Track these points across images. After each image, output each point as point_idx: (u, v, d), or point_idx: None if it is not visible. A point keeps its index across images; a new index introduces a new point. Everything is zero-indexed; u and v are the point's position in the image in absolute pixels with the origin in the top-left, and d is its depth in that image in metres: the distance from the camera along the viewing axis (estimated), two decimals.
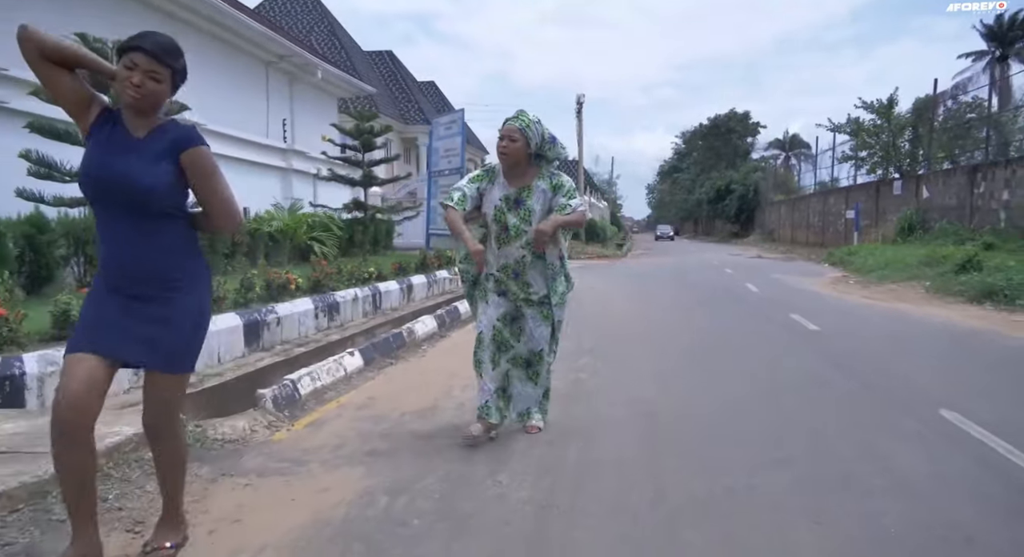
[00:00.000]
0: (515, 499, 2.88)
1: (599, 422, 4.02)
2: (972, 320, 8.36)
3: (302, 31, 24.15)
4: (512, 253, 3.52)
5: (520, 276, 3.55)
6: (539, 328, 3.61)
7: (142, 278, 2.13)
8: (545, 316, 3.61)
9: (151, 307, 2.14)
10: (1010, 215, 16.09)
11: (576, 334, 6.93)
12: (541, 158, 3.53)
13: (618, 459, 3.39)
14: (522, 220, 3.48)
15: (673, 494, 2.96)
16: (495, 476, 3.13)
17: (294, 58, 12.83)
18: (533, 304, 3.60)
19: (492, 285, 3.61)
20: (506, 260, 3.54)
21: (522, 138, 3.39)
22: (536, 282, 3.57)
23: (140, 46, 2.08)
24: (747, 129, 64.00)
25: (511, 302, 3.62)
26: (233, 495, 2.90)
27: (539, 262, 3.55)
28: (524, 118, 3.43)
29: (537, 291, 3.58)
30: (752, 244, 37.75)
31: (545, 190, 3.50)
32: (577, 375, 5.29)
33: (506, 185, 3.50)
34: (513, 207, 3.48)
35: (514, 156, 3.41)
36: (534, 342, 3.62)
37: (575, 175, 36.17)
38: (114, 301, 2.13)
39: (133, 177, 2.08)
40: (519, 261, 3.52)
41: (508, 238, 3.50)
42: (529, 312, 3.60)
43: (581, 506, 2.82)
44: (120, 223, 2.11)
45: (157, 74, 2.08)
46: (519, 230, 3.48)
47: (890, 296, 11.22)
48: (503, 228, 3.51)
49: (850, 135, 24.45)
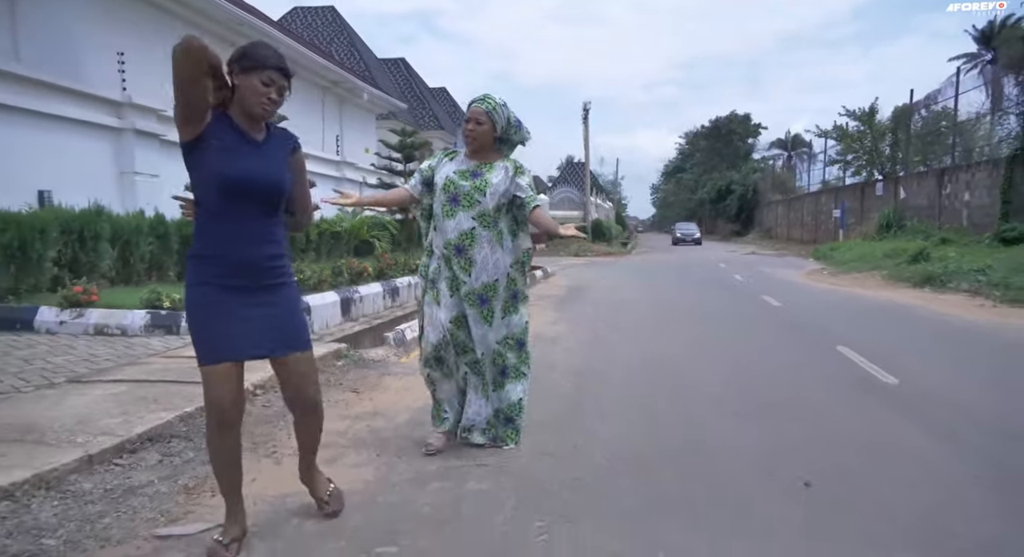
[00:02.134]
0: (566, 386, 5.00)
1: (611, 359, 6.15)
2: (905, 298, 10.45)
3: (323, 43, 25.87)
4: (459, 225, 3.23)
5: (463, 252, 3.24)
6: (480, 330, 3.29)
7: (264, 270, 2.28)
8: (485, 317, 3.28)
9: (266, 296, 2.29)
10: (970, 214, 18.15)
11: (593, 308, 9.07)
12: (505, 142, 3.38)
13: (625, 370, 5.51)
14: (476, 189, 3.24)
15: (661, 392, 5.08)
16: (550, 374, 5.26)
17: (346, 84, 15.01)
18: (473, 301, 3.27)
19: (444, 284, 3.32)
20: (449, 235, 3.25)
21: (489, 121, 3.24)
22: (479, 262, 3.25)
23: (279, 66, 2.25)
24: (748, 130, 65.99)
25: (437, 304, 3.34)
26: (392, 382, 5.02)
27: (487, 238, 3.25)
28: (490, 101, 3.28)
29: (478, 276, 3.25)
30: (751, 242, 39.72)
31: (507, 169, 3.31)
32: (596, 332, 7.42)
33: (466, 161, 3.34)
34: (469, 178, 3.27)
35: (481, 139, 3.26)
36: (482, 346, 3.32)
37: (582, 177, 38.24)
38: (230, 302, 2.24)
39: (272, 177, 2.27)
40: (465, 234, 3.23)
41: (456, 209, 3.24)
42: (471, 313, 3.29)
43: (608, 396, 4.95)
44: (250, 220, 2.25)
45: (286, 90, 2.28)
46: (472, 199, 3.23)
47: (852, 283, 13.30)
48: (452, 198, 3.26)
49: (836, 140, 26.47)
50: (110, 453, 3.17)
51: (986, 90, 18.48)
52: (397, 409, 4.31)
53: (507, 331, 3.38)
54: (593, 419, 4.10)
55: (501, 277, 3.29)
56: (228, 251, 2.23)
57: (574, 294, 11.59)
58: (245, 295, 2.25)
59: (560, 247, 25.58)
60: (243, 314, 2.24)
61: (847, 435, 3.77)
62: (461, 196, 3.25)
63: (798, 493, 2.94)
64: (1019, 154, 15.96)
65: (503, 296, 3.32)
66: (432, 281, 3.36)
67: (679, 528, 2.61)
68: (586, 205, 35.23)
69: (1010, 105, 17.42)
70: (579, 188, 37.80)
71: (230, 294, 2.24)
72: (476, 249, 3.24)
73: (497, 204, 3.27)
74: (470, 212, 3.23)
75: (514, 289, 3.37)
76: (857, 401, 4.53)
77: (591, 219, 34.18)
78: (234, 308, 2.24)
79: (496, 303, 3.30)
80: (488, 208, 3.24)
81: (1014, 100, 17.14)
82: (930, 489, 2.98)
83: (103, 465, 3.09)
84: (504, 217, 3.32)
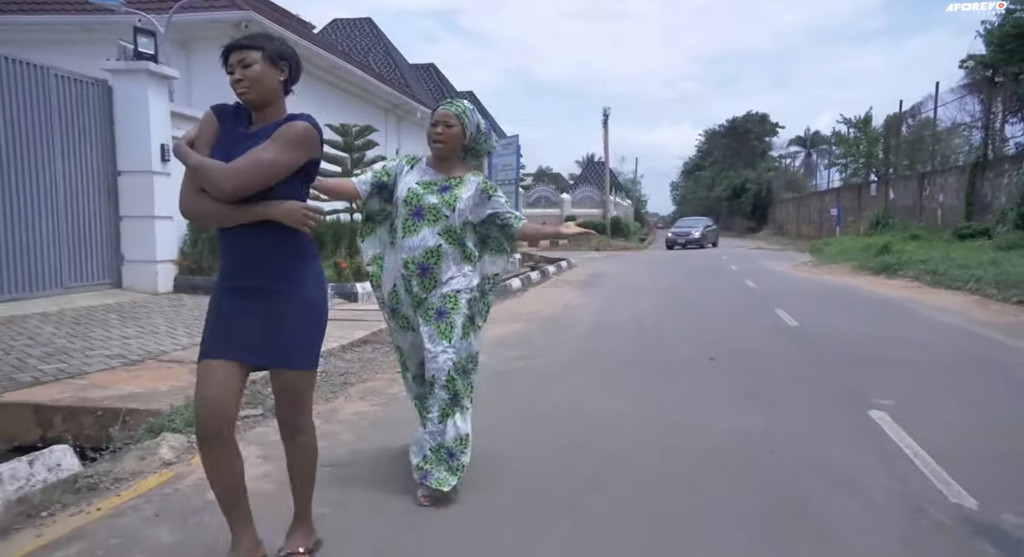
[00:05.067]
0: (587, 329, 7.85)
1: (615, 316, 9.00)
2: (858, 282, 13.15)
3: (361, 53, 28.47)
4: (423, 242, 2.91)
5: (428, 272, 2.92)
6: (435, 347, 2.91)
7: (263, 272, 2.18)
8: (443, 332, 2.90)
9: (270, 303, 2.17)
10: (943, 213, 20.65)
11: (607, 289, 11.96)
12: (470, 152, 3.11)
13: (624, 322, 8.35)
14: (444, 204, 2.93)
15: (647, 332, 7.92)
16: (562, 335, 8.12)
17: (404, 105, 17.94)
18: (430, 317, 2.93)
19: (409, 309, 3.02)
20: (412, 253, 2.92)
21: (459, 124, 2.98)
22: (447, 274, 2.94)
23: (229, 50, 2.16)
24: (764, 130, 68.02)
25: (412, 329, 3.05)
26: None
27: (453, 256, 2.95)
28: (460, 104, 3.04)
29: (440, 290, 2.93)
30: (763, 238, 42.13)
31: (478, 185, 3.02)
32: (607, 303, 10.29)
33: (431, 171, 3.03)
34: (436, 192, 2.96)
35: (450, 143, 2.99)
36: (433, 366, 2.91)
37: (602, 177, 40.93)
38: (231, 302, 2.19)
39: None
40: (431, 251, 2.91)
41: (419, 224, 2.91)
42: (426, 330, 2.94)
43: (612, 332, 7.81)
44: None
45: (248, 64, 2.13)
46: (439, 213, 2.92)
47: (826, 272, 15.96)
48: (415, 212, 2.92)
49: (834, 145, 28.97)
50: (347, 345, 6.14)
51: (959, 104, 20.94)
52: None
53: (463, 355, 2.98)
54: (602, 341, 7.00)
55: (465, 289, 2.96)
56: (229, 250, 2.17)
57: (593, 280, 14.48)
58: (249, 298, 2.14)
59: (582, 242, 28.36)
60: (240, 317, 2.14)
61: (748, 344, 6.60)
62: (426, 209, 2.92)
63: (708, 364, 5.78)
64: (980, 162, 18.47)
65: (464, 312, 2.95)
66: (392, 310, 3.05)
67: (651, 375, 5.49)
68: (605, 204, 38.00)
69: (974, 120, 19.91)
70: (599, 187, 40.44)
71: (233, 295, 2.16)
72: (443, 267, 2.92)
73: (463, 221, 2.98)
74: (435, 228, 2.91)
75: (474, 311, 3.03)
76: (765, 331, 7.37)
77: (610, 217, 36.96)
78: (232, 309, 2.15)
79: (457, 318, 2.92)
80: (455, 224, 2.94)
81: (976, 115, 19.62)
82: (785, 359, 5.82)
83: (346, 350, 6.06)
84: (470, 235, 3.03)
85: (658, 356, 6.15)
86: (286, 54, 2.17)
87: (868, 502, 2.92)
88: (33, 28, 10.72)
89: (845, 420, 4.15)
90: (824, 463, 3.38)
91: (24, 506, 2.77)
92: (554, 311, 9.35)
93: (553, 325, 8.13)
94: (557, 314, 9.06)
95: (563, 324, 8.21)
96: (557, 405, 4.52)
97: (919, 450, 3.51)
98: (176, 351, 5.65)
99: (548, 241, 31.88)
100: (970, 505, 2.86)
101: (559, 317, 8.79)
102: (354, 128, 10.80)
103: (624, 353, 6.32)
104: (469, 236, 3.04)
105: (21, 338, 5.73)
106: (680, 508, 2.87)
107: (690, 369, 5.57)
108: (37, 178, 7.49)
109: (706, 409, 4.39)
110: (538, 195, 40.37)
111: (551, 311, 9.36)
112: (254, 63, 2.09)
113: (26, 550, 2.50)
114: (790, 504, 2.90)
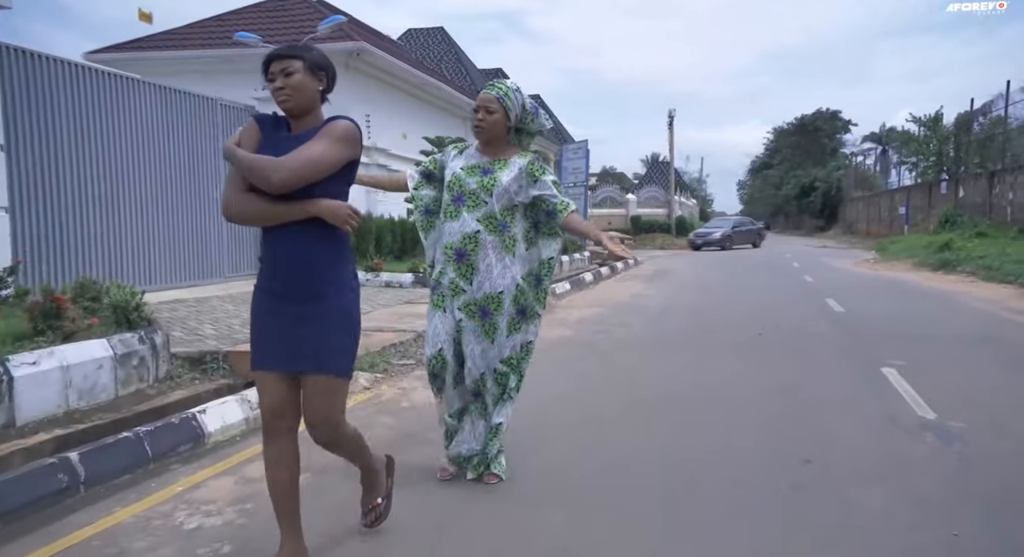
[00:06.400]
0: (654, 312, 9.14)
1: (678, 303, 10.24)
2: (914, 277, 13.90)
3: (434, 61, 29.52)
4: (462, 227, 2.87)
5: (465, 257, 2.87)
6: (478, 345, 2.92)
7: (299, 276, 2.19)
8: (486, 331, 2.90)
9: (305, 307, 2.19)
10: (1012, 211, 20.79)
11: (670, 283, 13.21)
12: (521, 132, 3.00)
13: (685, 307, 9.60)
14: (483, 188, 2.87)
15: (710, 315, 9.16)
16: (634, 317, 9.42)
17: None
18: (473, 313, 2.91)
19: (448, 289, 2.96)
20: (451, 238, 2.89)
21: (500, 108, 2.87)
22: (482, 270, 2.88)
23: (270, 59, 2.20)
24: (835, 127, 66.79)
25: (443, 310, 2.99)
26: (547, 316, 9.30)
27: (492, 243, 2.87)
28: (501, 86, 2.91)
29: (480, 285, 2.88)
30: (831, 237, 41.97)
31: (523, 168, 2.91)
32: (670, 293, 11.53)
33: (477, 155, 2.97)
34: (478, 174, 2.90)
35: (492, 130, 2.89)
36: (480, 363, 2.94)
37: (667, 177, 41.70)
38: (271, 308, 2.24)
39: None
40: (469, 237, 2.86)
41: (459, 209, 2.89)
42: (469, 325, 2.92)
43: (676, 315, 9.08)
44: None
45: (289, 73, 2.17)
46: (478, 199, 2.86)
47: (886, 268, 16.64)
48: (456, 197, 2.90)
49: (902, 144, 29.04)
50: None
51: None
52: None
53: (509, 351, 2.98)
54: (669, 321, 8.33)
55: (507, 289, 2.90)
56: (267, 253, 2.20)
57: (659, 275, 15.70)
58: (286, 301, 2.17)
59: (647, 241, 29.44)
60: (279, 323, 2.18)
61: (794, 323, 7.77)
62: (466, 195, 2.89)
63: (756, 337, 7.00)
64: None
65: (509, 311, 2.93)
66: (436, 283, 3.01)
67: (707, 344, 6.78)
68: (670, 204, 38.84)
69: None
70: (664, 187, 41.23)
71: (273, 300, 2.20)
72: (480, 255, 2.87)
73: (504, 206, 2.89)
74: (475, 213, 2.87)
75: (523, 304, 2.97)
76: (812, 315, 8.50)
77: (675, 216, 37.80)
78: (272, 316, 2.19)
79: (500, 318, 2.92)
80: (495, 210, 2.87)
81: None
82: (822, 334, 7.00)
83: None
84: (518, 221, 2.95)
85: (715, 332, 7.41)
86: (324, 64, 2.24)
87: (859, 415, 4.19)
88: (184, 61, 12.80)
89: (860, 373, 5.37)
90: (835, 398, 4.64)
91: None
92: (625, 299, 10.69)
93: (625, 309, 9.47)
94: (628, 301, 10.39)
95: (634, 309, 9.53)
96: (634, 363, 5.89)
97: (909, 389, 4.72)
98: None
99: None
100: (930, 417, 4.09)
101: (630, 304, 10.12)
102: (447, 139, 12.42)
103: (686, 330, 7.61)
104: (514, 222, 2.93)
105: (216, 312, 7.49)
106: (717, 419, 4.22)
107: (741, 340, 6.83)
108: (207, 190, 9.36)
109: (751, 366, 5.67)
110: (603, 195, 41.46)
111: (623, 299, 10.70)
112: (295, 72, 2.15)
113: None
114: (805, 418, 4.20)
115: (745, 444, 3.68)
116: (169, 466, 3.33)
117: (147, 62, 12.62)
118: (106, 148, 7.89)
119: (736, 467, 3.31)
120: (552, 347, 6.50)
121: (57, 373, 4.13)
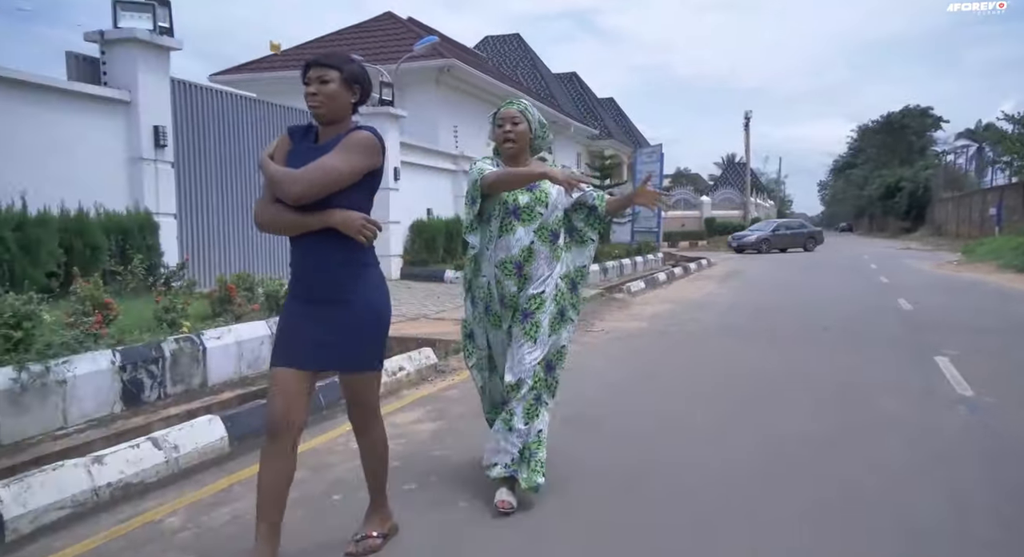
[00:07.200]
0: (724, 307, 9.72)
1: (745, 300, 10.74)
2: (995, 279, 13.79)
3: (510, 68, 30.39)
4: (520, 241, 2.96)
5: (522, 269, 2.97)
6: (521, 350, 2.95)
7: (324, 280, 2.29)
8: (529, 333, 2.95)
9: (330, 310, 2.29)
10: None
11: (741, 283, 13.65)
12: (533, 149, 3.12)
13: (753, 305, 10.11)
14: (536, 201, 2.98)
15: (782, 312, 9.67)
16: (705, 313, 10.00)
17: (560, 121, 20.50)
18: (518, 320, 2.98)
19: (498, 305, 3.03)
20: (509, 252, 2.97)
21: (524, 120, 3.01)
22: (535, 279, 2.98)
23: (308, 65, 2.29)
24: (924, 125, 63.95)
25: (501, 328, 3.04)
26: (623, 311, 10.00)
27: (544, 254, 2.99)
28: (519, 102, 3.08)
29: (537, 288, 2.97)
30: (916, 239, 40.45)
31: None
32: (740, 292, 12.02)
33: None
34: (525, 189, 2.98)
35: (521, 141, 3.01)
36: (519, 368, 2.95)
37: (743, 178, 41.38)
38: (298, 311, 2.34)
39: None
40: (525, 250, 2.96)
41: (515, 223, 2.96)
42: (515, 330, 3.00)
43: (743, 310, 9.64)
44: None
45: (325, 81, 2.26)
46: (532, 212, 2.96)
47: (968, 270, 16.42)
48: (511, 211, 2.97)
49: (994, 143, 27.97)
50: None
51: None
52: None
53: (548, 351, 3.03)
54: (738, 316, 8.91)
55: (549, 287, 3.01)
56: (294, 260, 2.31)
57: (730, 276, 16.08)
58: (312, 305, 2.28)
59: (720, 243, 29.42)
60: (304, 325, 2.27)
61: (861, 318, 8.21)
62: (521, 209, 2.96)
63: (822, 331, 7.54)
64: None
65: (550, 309, 3.02)
66: (486, 307, 3.07)
67: (776, 337, 7.38)
68: (746, 206, 38.56)
69: None
70: (740, 189, 40.94)
71: (300, 303, 2.30)
72: (533, 266, 2.97)
73: (556, 216, 3.05)
74: (531, 226, 2.97)
75: (562, 304, 3.08)
76: (880, 312, 8.89)
77: (751, 218, 37.50)
78: (297, 318, 2.29)
79: (542, 316, 2.99)
80: (548, 221, 3.00)
81: None
82: (886, 329, 7.46)
83: None
84: (562, 229, 3.12)
85: (783, 326, 7.97)
86: (361, 78, 2.28)
87: (904, 393, 4.78)
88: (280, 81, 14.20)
89: (914, 361, 5.89)
90: (887, 380, 5.21)
91: (415, 376, 5.31)
92: (697, 297, 11.28)
93: (697, 306, 10.08)
94: (700, 299, 10.99)
95: (705, 306, 10.14)
96: (707, 353, 6.57)
97: (956, 373, 5.24)
98: (434, 314, 8.27)
99: (687, 242, 33.18)
100: (968, 394, 4.64)
101: (701, 301, 10.71)
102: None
103: (753, 325, 8.20)
104: (561, 232, 3.10)
105: None
106: (777, 398, 4.89)
107: (807, 334, 7.38)
108: None
109: (814, 356, 6.25)
110: (677, 198, 41.48)
111: (695, 297, 11.30)
112: (331, 81, 2.21)
113: (418, 396, 4.98)
114: (858, 399, 4.81)
115: (791, 419, 4.35)
116: (335, 414, 4.29)
117: (263, 81, 14.10)
118: (242, 162, 9.16)
119: (779, 441, 4.01)
120: (629, 336, 7.24)
121: (234, 347, 5.24)
